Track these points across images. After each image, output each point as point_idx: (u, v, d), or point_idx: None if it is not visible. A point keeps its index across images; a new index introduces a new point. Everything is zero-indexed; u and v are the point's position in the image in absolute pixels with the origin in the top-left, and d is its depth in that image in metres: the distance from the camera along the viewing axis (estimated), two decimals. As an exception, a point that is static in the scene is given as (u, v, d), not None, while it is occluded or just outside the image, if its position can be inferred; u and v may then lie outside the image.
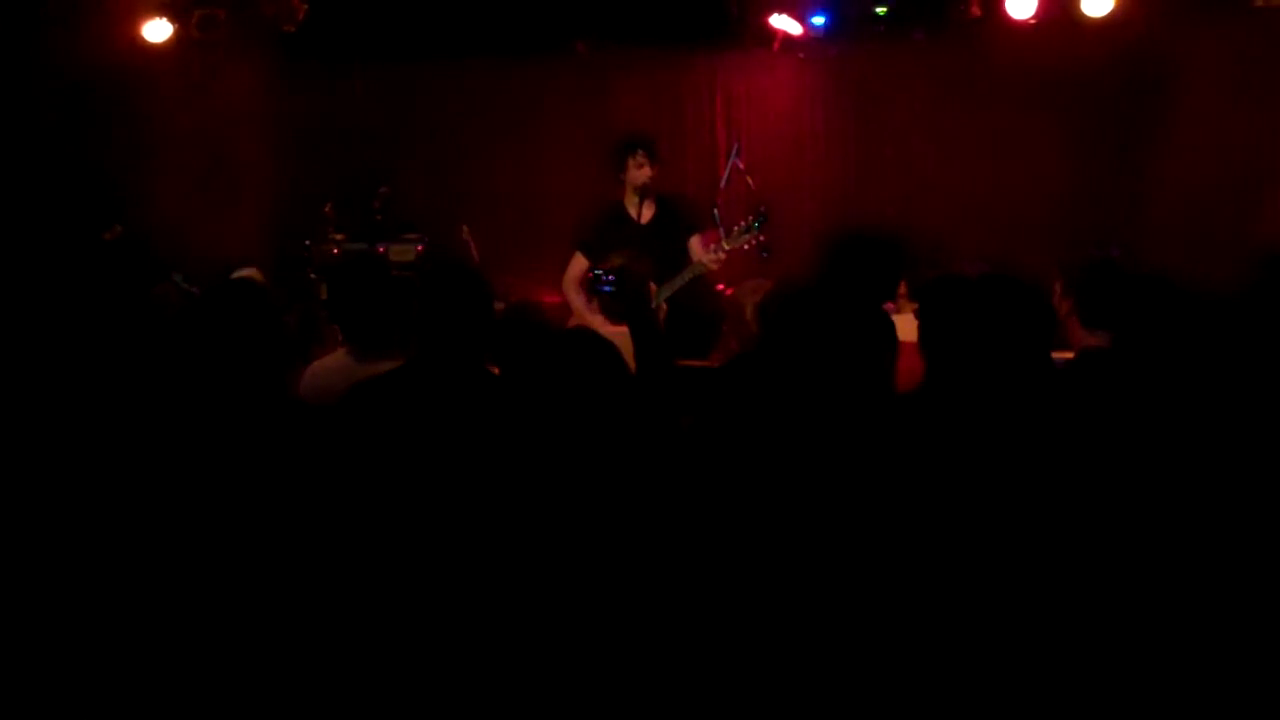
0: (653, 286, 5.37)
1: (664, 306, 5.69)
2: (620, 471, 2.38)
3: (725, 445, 2.42)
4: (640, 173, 6.09)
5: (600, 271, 5.32)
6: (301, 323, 5.94)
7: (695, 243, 6.10)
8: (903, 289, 4.74)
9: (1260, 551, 2.36)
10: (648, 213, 6.13)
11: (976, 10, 7.41)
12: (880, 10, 7.65)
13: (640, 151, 6.10)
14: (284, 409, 3.09)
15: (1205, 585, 2.31)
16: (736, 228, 5.88)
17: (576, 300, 6.08)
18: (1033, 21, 7.25)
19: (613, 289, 5.00)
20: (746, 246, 5.82)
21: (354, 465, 2.71)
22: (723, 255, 5.83)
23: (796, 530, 2.26)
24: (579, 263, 6.07)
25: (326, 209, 7.43)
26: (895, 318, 3.08)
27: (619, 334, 3.81)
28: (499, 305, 5.54)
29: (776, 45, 7.85)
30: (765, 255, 5.85)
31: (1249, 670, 2.22)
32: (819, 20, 7.69)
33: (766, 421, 2.41)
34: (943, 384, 2.75)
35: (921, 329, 2.90)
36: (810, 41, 7.82)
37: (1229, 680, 2.22)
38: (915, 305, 3.40)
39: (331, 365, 3.81)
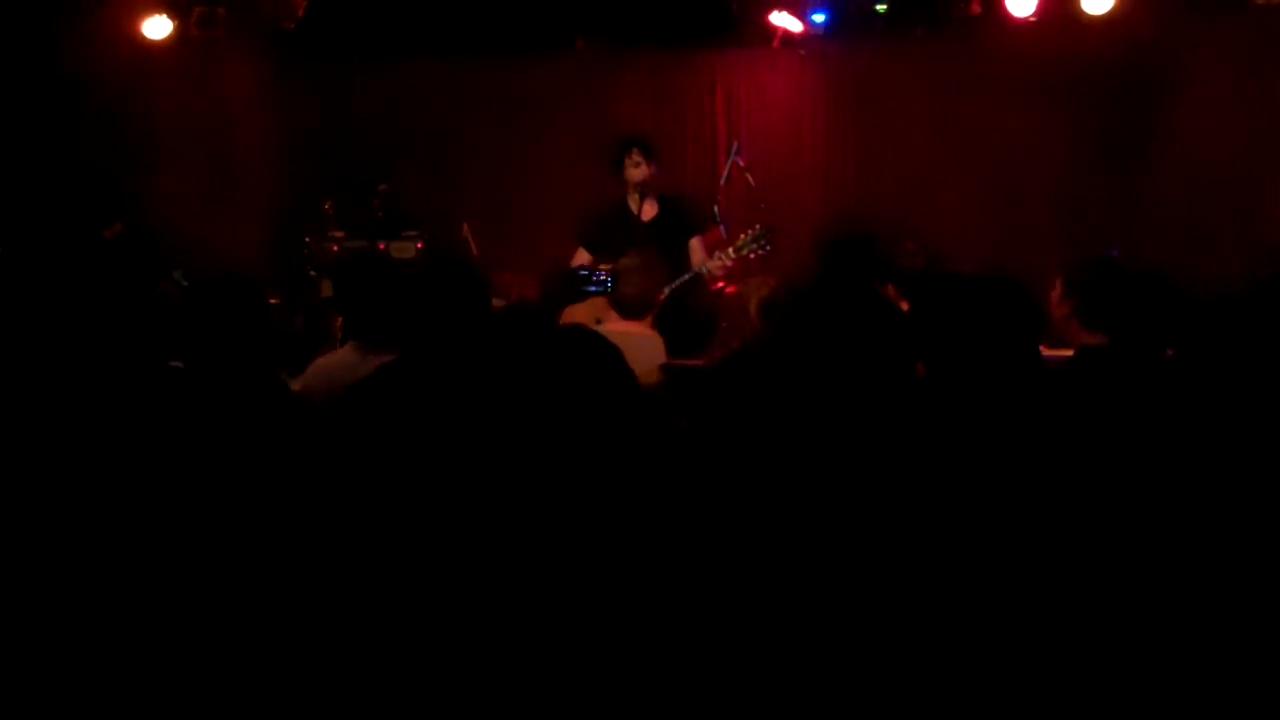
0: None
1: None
2: (618, 469, 2.38)
3: (732, 443, 2.42)
4: (637, 171, 6.12)
5: (587, 270, 5.33)
6: (309, 321, 5.95)
7: (696, 244, 6.13)
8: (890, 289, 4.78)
9: (1259, 551, 2.36)
10: (650, 211, 6.15)
11: (977, 8, 7.41)
12: (880, 8, 7.65)
13: (636, 150, 6.14)
14: (275, 403, 3.09)
15: (1203, 584, 2.31)
16: (744, 236, 5.91)
17: None
18: (1033, 19, 7.25)
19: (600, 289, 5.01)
20: (753, 256, 5.86)
21: (345, 459, 2.71)
22: (729, 264, 5.86)
23: (809, 528, 2.26)
24: (581, 257, 6.09)
25: (326, 206, 7.42)
26: None
27: (623, 333, 3.81)
28: (499, 302, 5.56)
29: (776, 43, 7.85)
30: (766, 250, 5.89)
31: (1249, 670, 2.22)
32: (819, 18, 7.69)
33: (775, 419, 2.41)
34: (938, 382, 2.75)
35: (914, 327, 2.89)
36: (810, 39, 7.82)
37: (1228, 680, 2.22)
38: (907, 304, 3.41)
39: (338, 361, 3.83)
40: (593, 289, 5.31)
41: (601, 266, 5.39)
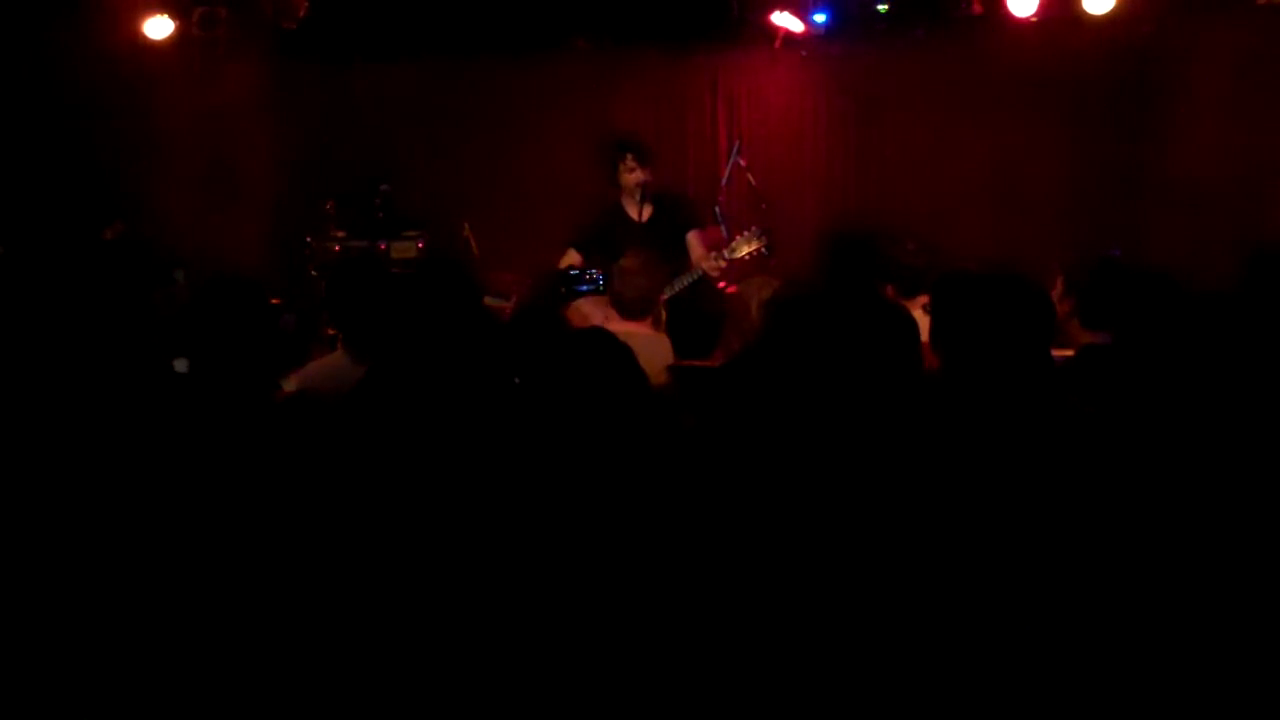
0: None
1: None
2: (625, 469, 2.38)
3: (738, 443, 2.42)
4: (632, 175, 6.09)
5: (578, 270, 5.32)
6: (300, 323, 5.94)
7: (694, 239, 6.09)
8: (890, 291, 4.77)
9: (1259, 550, 2.36)
10: (646, 212, 6.13)
11: (978, 8, 7.41)
12: (882, 8, 7.64)
13: (629, 155, 6.09)
14: (274, 406, 3.09)
15: (1203, 583, 2.31)
16: (740, 237, 5.88)
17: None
18: (1034, 19, 7.25)
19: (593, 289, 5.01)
20: (748, 257, 5.83)
21: (348, 462, 2.71)
22: (723, 264, 5.83)
23: (810, 529, 2.26)
24: (570, 259, 6.07)
25: (327, 206, 7.43)
26: None
27: (628, 333, 3.80)
28: (504, 304, 5.55)
29: (778, 43, 7.85)
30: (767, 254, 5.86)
31: (1249, 670, 2.22)
32: (820, 18, 7.68)
33: (781, 419, 2.41)
34: (956, 381, 2.75)
35: (934, 326, 2.89)
36: (812, 39, 7.81)
37: (1228, 680, 2.22)
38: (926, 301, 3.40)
39: (328, 366, 3.81)
40: (584, 288, 5.30)
41: (594, 267, 5.39)
